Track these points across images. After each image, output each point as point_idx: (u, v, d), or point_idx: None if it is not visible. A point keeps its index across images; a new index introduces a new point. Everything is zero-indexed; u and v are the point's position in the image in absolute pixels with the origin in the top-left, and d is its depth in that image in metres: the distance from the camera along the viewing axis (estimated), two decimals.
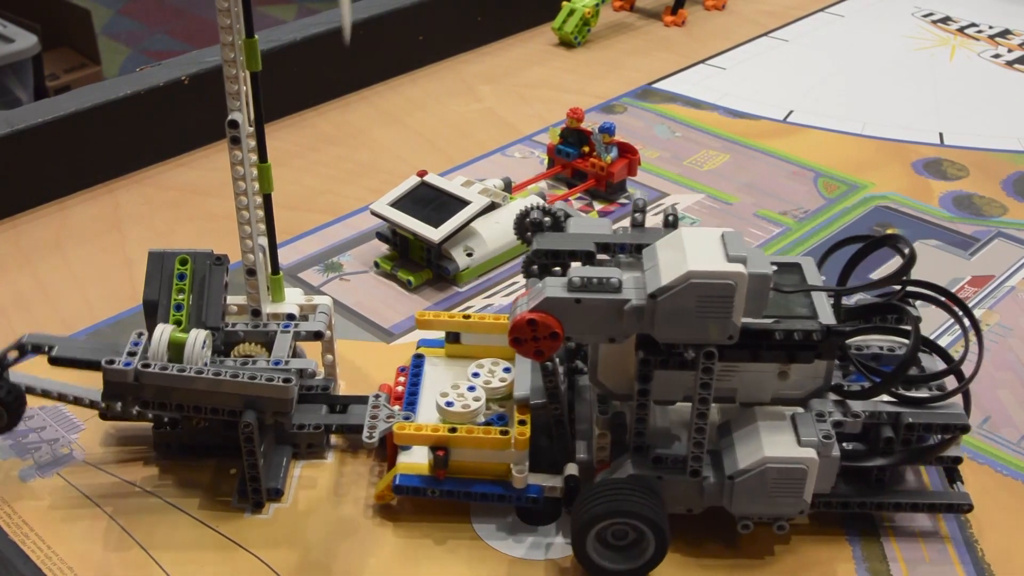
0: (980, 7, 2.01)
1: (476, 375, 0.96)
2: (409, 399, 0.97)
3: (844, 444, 0.89)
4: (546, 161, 1.42)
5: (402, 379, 1.00)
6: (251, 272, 0.97)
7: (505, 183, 1.29)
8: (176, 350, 0.89)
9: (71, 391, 0.95)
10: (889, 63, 1.79)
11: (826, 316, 0.84)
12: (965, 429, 0.87)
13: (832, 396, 0.87)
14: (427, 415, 0.95)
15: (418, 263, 1.22)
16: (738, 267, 0.77)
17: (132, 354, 0.88)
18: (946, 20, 1.97)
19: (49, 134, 1.36)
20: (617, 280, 0.80)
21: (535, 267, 0.90)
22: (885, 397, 0.88)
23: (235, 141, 0.92)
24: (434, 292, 1.20)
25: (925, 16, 1.98)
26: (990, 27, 1.94)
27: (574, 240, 0.89)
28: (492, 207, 1.23)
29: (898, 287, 0.91)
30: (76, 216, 1.36)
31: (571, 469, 0.89)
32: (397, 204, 1.21)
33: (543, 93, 1.68)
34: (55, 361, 0.93)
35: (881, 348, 0.95)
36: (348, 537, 0.90)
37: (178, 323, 0.93)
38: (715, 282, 0.77)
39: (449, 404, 0.92)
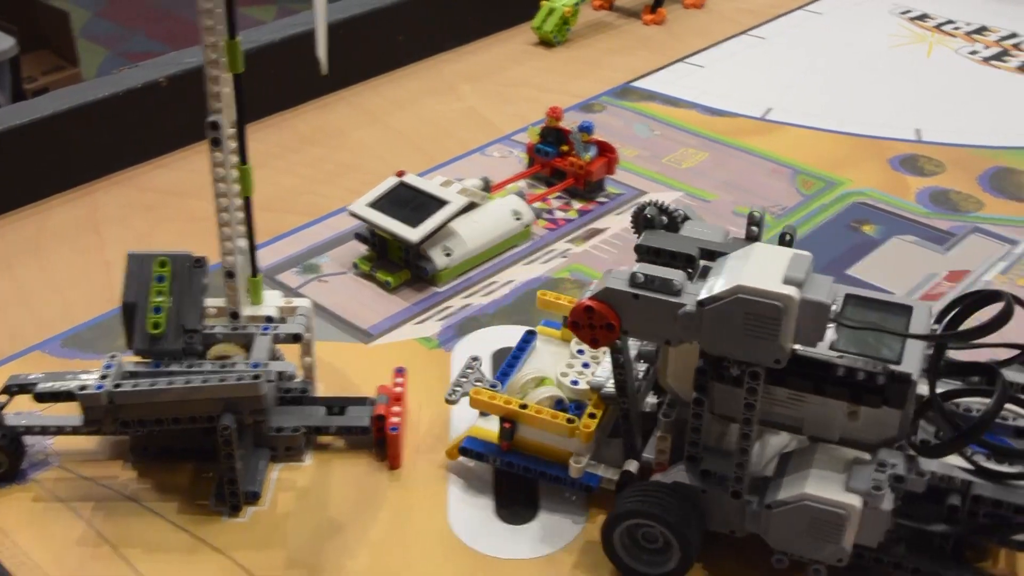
0: (957, 4, 2.02)
1: (581, 353, 0.97)
2: (505, 370, 0.98)
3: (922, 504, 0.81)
4: (525, 160, 1.42)
5: (399, 379, 1.01)
6: (230, 275, 0.97)
7: (484, 182, 1.29)
8: None
9: (55, 422, 0.95)
10: (867, 60, 1.80)
11: (911, 363, 0.77)
12: None
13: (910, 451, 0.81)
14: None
15: (397, 264, 1.22)
16: (790, 290, 0.74)
17: (104, 376, 0.89)
18: (923, 17, 1.98)
19: (27, 136, 1.36)
20: (679, 283, 0.79)
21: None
22: (963, 463, 0.80)
23: (216, 143, 0.92)
24: (413, 292, 1.20)
25: (903, 13, 1.99)
26: (967, 24, 1.94)
27: (680, 242, 0.87)
28: (471, 207, 1.24)
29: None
30: (55, 218, 1.36)
31: (630, 465, 0.90)
32: (375, 205, 1.21)
33: (523, 92, 1.68)
34: (40, 398, 0.93)
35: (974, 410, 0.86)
36: (326, 539, 0.90)
37: (156, 325, 0.93)
38: (762, 301, 0.75)
39: (574, 383, 0.94)
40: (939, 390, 0.79)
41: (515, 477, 0.95)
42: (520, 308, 1.17)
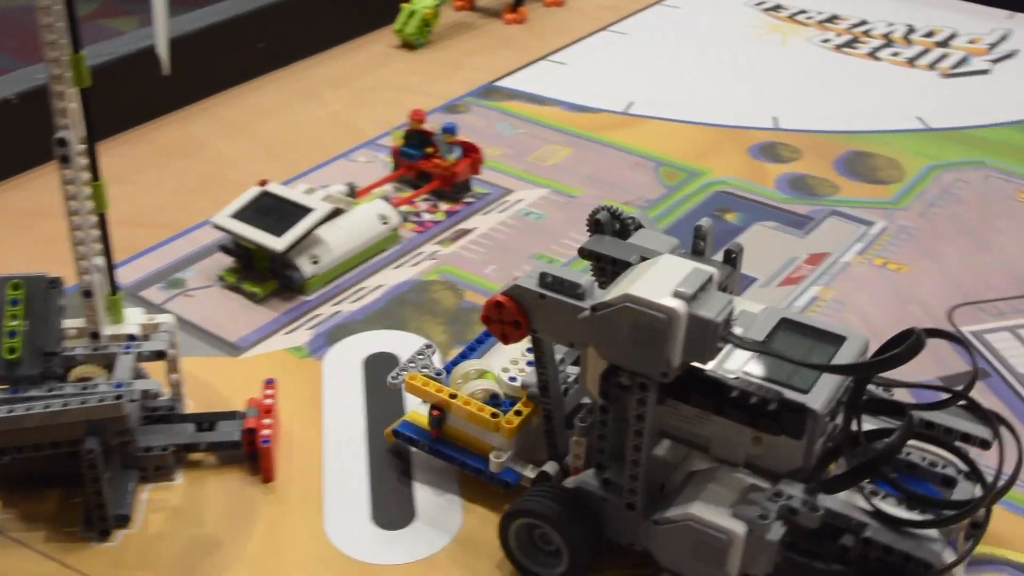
0: None
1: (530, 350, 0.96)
2: (457, 360, 0.99)
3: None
4: (391, 164, 1.42)
5: (269, 391, 0.99)
6: (87, 294, 0.95)
7: (350, 188, 1.28)
8: None
9: None
10: (724, 52, 1.84)
11: (819, 395, 0.75)
12: (928, 568, 0.75)
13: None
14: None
15: (263, 274, 1.21)
16: (677, 303, 0.73)
17: None
18: (777, 8, 2.02)
19: None
20: (585, 287, 0.78)
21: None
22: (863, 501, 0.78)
23: (65, 160, 0.90)
24: (281, 302, 1.19)
25: (757, 4, 2.04)
26: (819, 13, 2.00)
27: (622, 249, 0.87)
28: (337, 213, 1.23)
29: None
30: None
31: (549, 467, 0.90)
32: (239, 215, 1.20)
33: (387, 95, 1.68)
34: None
35: (923, 459, 0.83)
36: (200, 558, 0.89)
37: (12, 350, 0.90)
38: (648, 312, 0.73)
39: (512, 379, 0.95)
40: (870, 427, 0.79)
41: (390, 482, 0.95)
42: (391, 312, 1.17)
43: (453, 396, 0.92)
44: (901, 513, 0.77)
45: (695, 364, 0.77)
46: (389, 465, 0.98)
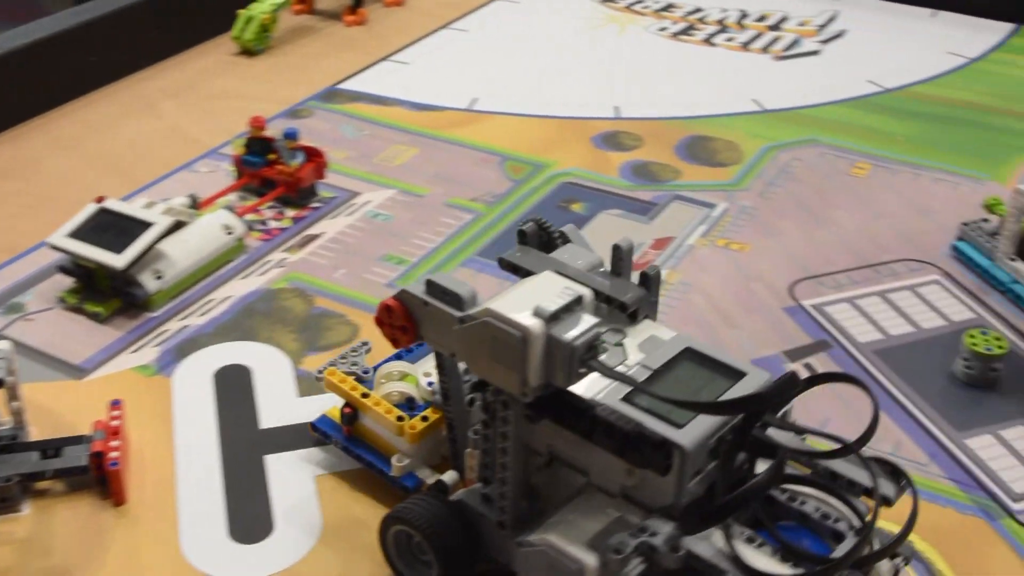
0: None
1: None
2: (391, 359, 0.98)
3: None
4: (234, 173, 1.40)
5: (115, 412, 0.97)
6: None
7: (191, 200, 1.26)
8: None
9: None
10: (565, 44, 1.86)
11: (691, 431, 0.71)
12: None
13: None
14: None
15: (106, 293, 1.18)
16: (533, 322, 0.70)
17: None
18: None
19: None
20: (467, 297, 0.77)
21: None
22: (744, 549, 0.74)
23: None
24: (126, 320, 1.16)
25: None
26: (655, 2, 2.03)
27: (538, 263, 0.84)
28: (179, 226, 1.21)
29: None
30: None
31: (448, 476, 0.89)
32: (76, 234, 1.17)
33: (228, 104, 1.65)
34: None
35: (817, 509, 0.77)
36: None
37: None
38: (503, 328, 0.71)
39: (430, 384, 0.94)
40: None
41: (247, 495, 0.94)
42: (240, 323, 1.15)
43: (365, 395, 0.93)
44: (770, 565, 0.72)
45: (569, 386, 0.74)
46: (245, 477, 0.96)
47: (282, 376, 1.08)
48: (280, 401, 1.05)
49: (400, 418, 0.90)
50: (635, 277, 0.84)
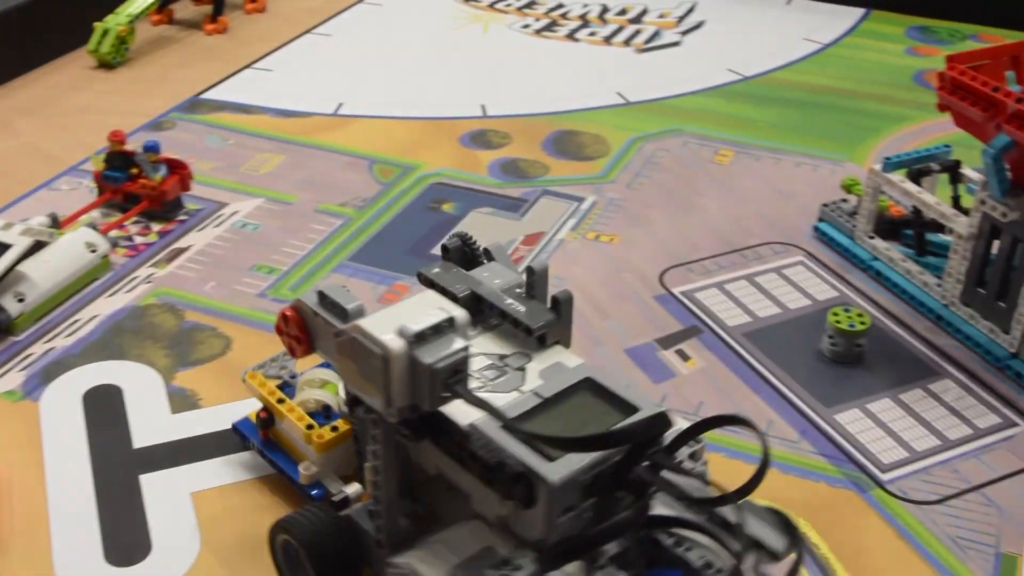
0: None
1: None
2: (320, 366, 0.97)
3: None
4: (96, 189, 1.37)
5: None
6: None
7: (52, 219, 1.23)
8: None
9: None
10: (429, 45, 1.86)
11: (561, 466, 0.68)
12: None
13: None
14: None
15: None
16: (395, 342, 0.69)
17: None
18: None
19: None
20: (353, 311, 0.75)
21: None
22: None
23: None
24: None
25: None
26: (517, 0, 2.05)
27: (454, 280, 0.83)
28: (39, 246, 1.18)
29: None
30: None
31: (352, 488, 0.88)
32: None
33: (88, 119, 1.61)
34: None
35: (702, 557, 0.73)
36: None
37: None
38: (368, 345, 0.70)
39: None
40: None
41: (123, 517, 0.92)
42: (108, 342, 1.13)
43: (281, 401, 0.92)
44: None
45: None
46: (120, 499, 0.94)
47: (154, 394, 1.06)
48: (153, 419, 1.03)
49: (310, 426, 0.90)
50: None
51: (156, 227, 1.32)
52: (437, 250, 1.27)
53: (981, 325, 1.12)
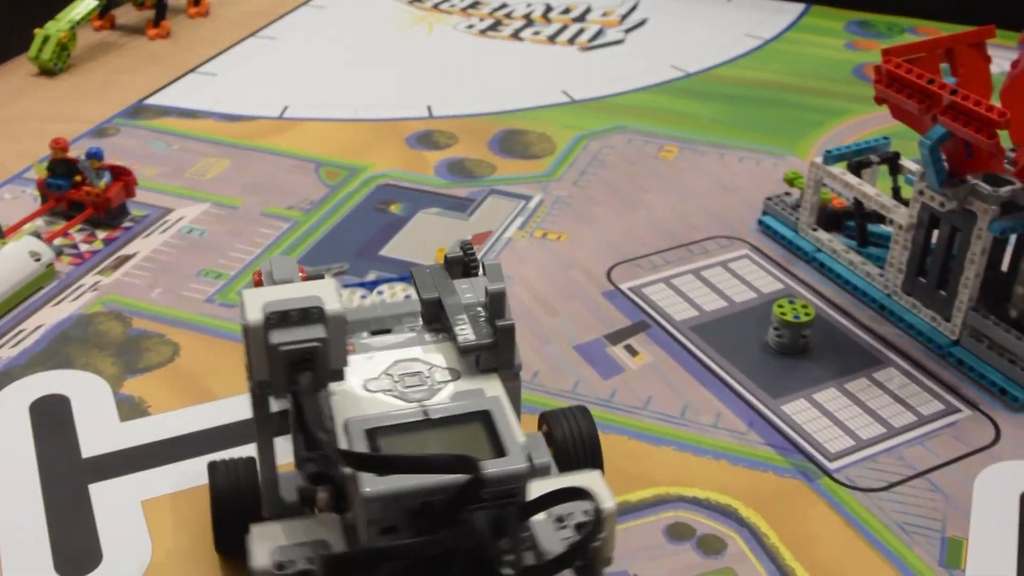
0: None
1: None
2: None
3: None
4: (40, 198, 1.35)
5: None
6: None
7: None
8: None
9: None
10: (374, 47, 1.86)
11: (380, 480, 0.67)
12: None
13: None
14: None
15: None
16: (255, 315, 0.70)
17: None
18: None
19: None
20: (276, 279, 0.78)
21: None
22: None
23: None
24: None
25: None
26: (461, 0, 2.05)
27: (431, 285, 0.83)
28: None
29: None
30: None
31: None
32: None
33: (30, 127, 1.59)
34: None
35: None
36: None
37: None
38: (242, 315, 0.71)
39: None
40: None
41: (72, 527, 0.91)
42: (54, 352, 1.12)
43: None
44: None
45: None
46: (70, 509, 0.94)
47: (102, 402, 1.05)
48: (101, 428, 1.02)
49: None
50: None
51: (101, 234, 1.31)
52: (385, 251, 1.27)
53: (923, 314, 1.14)
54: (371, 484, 0.66)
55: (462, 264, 0.88)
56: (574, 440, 0.90)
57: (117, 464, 0.98)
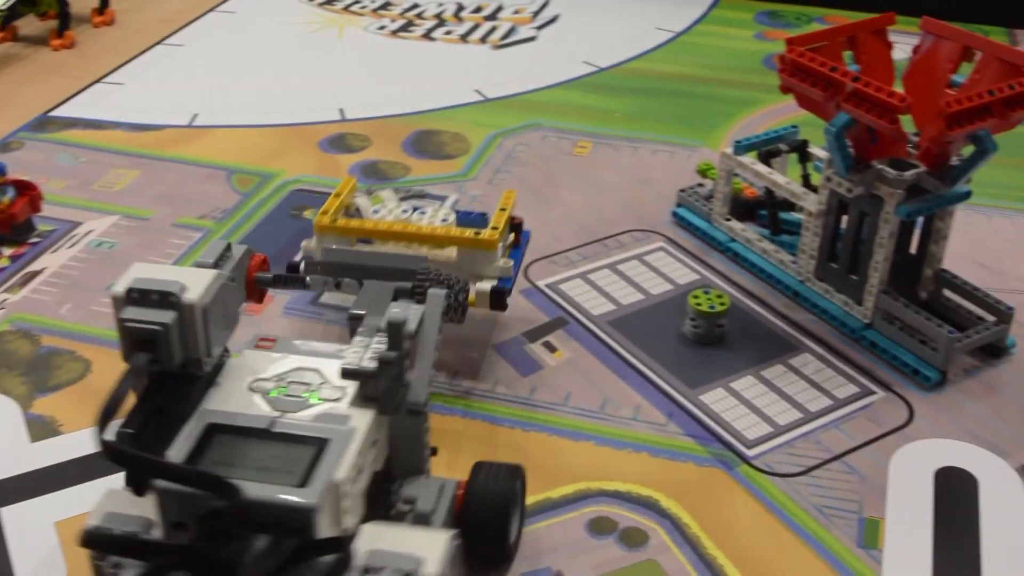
0: None
1: None
2: None
3: None
4: None
5: None
6: None
7: None
8: None
9: None
10: (284, 51, 1.84)
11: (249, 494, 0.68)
12: None
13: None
14: None
15: None
16: (119, 288, 0.74)
17: None
18: (331, 1, 2.05)
19: None
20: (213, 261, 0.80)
21: None
22: None
23: None
24: None
25: (311, 0, 2.05)
26: (372, 1, 2.04)
27: (366, 300, 0.84)
28: None
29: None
30: None
31: None
32: None
33: None
34: None
35: None
36: None
37: None
38: None
39: None
40: None
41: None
42: None
43: None
44: None
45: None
46: None
47: (11, 423, 1.03)
48: (11, 449, 1.00)
49: None
50: None
51: (7, 251, 1.28)
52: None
53: (835, 299, 1.15)
54: (239, 498, 0.67)
55: (414, 288, 0.85)
56: (482, 497, 0.85)
57: (29, 486, 0.96)
